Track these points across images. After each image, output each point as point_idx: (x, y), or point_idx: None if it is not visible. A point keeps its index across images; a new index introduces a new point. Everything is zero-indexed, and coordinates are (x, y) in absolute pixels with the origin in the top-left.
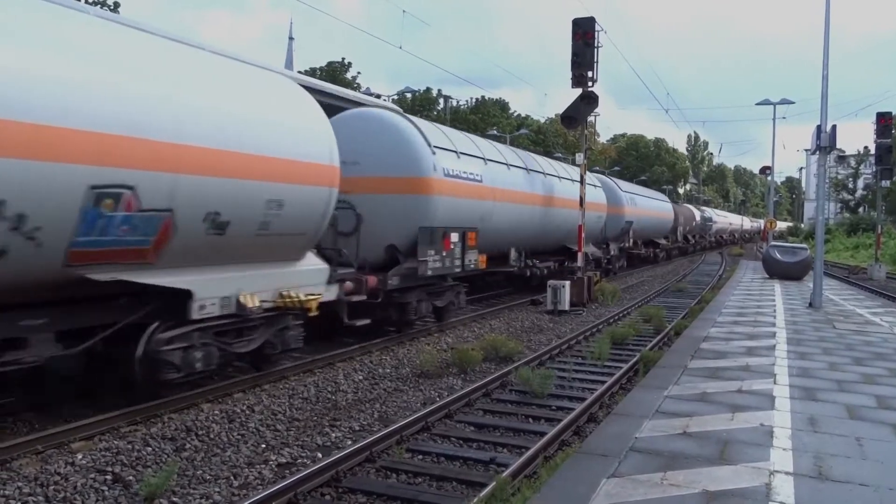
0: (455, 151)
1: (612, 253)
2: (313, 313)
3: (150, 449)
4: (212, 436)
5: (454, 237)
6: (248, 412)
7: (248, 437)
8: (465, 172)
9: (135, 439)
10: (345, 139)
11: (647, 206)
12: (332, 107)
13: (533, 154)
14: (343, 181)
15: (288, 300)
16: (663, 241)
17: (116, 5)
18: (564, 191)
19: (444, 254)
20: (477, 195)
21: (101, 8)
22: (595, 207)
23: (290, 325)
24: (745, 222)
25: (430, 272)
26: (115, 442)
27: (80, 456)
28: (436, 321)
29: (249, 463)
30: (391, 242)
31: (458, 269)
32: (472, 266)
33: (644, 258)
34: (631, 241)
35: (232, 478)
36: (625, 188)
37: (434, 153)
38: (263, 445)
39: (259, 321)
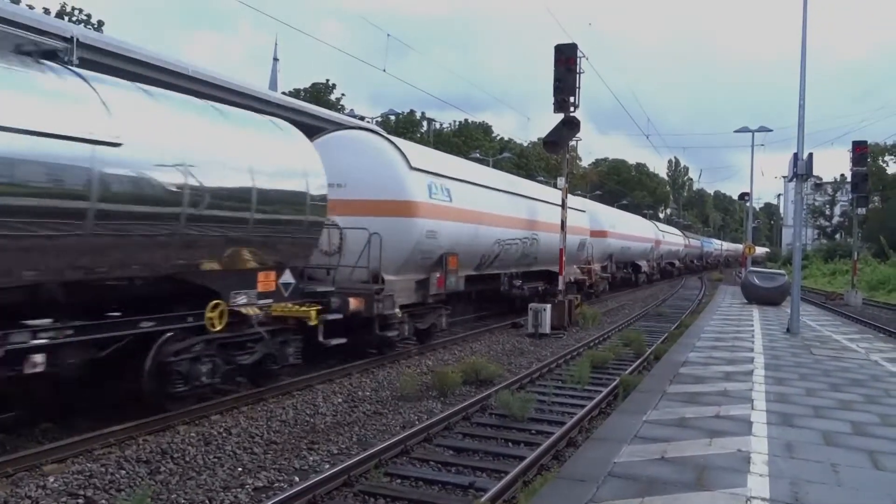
0: None
1: None
2: None
3: (123, 472)
4: (187, 459)
5: None
6: (224, 434)
7: (225, 461)
8: None
9: (108, 462)
10: None
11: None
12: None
13: None
14: None
15: None
16: None
17: (101, 24)
18: None
19: None
20: None
21: (85, 27)
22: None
23: None
24: (677, 241)
25: None
26: (89, 465)
27: (51, 479)
28: None
29: (225, 487)
30: None
31: None
32: None
33: None
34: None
35: (207, 502)
36: None
37: None
38: (240, 469)
39: None
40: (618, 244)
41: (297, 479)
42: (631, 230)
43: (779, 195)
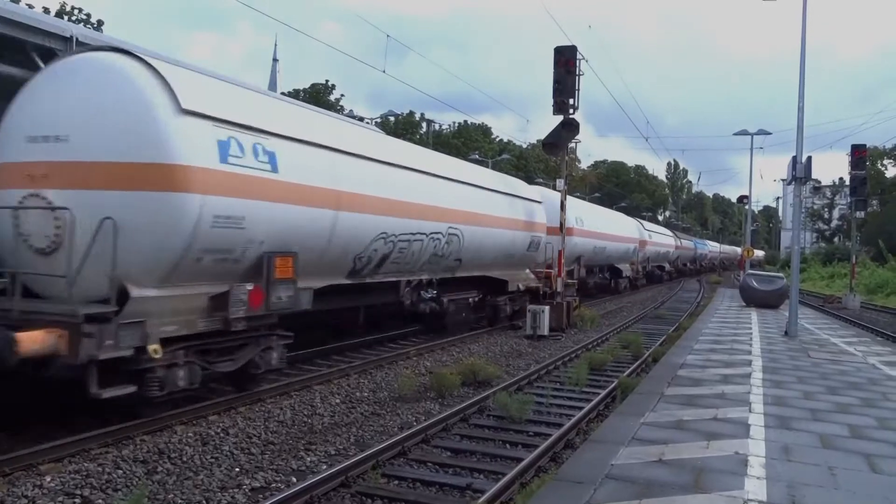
0: None
1: None
2: None
3: (120, 472)
4: (184, 458)
5: None
6: (222, 435)
7: (222, 461)
8: None
9: (106, 462)
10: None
11: None
12: None
13: None
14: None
15: None
16: None
17: (100, 23)
18: None
19: None
20: None
21: (85, 26)
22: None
23: None
24: (666, 242)
25: None
26: (86, 464)
27: (48, 478)
28: None
29: (222, 487)
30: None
31: None
32: None
33: None
34: None
35: (205, 502)
36: None
37: None
38: (237, 469)
39: None
40: (588, 244)
41: (294, 479)
42: (606, 228)
43: (777, 198)
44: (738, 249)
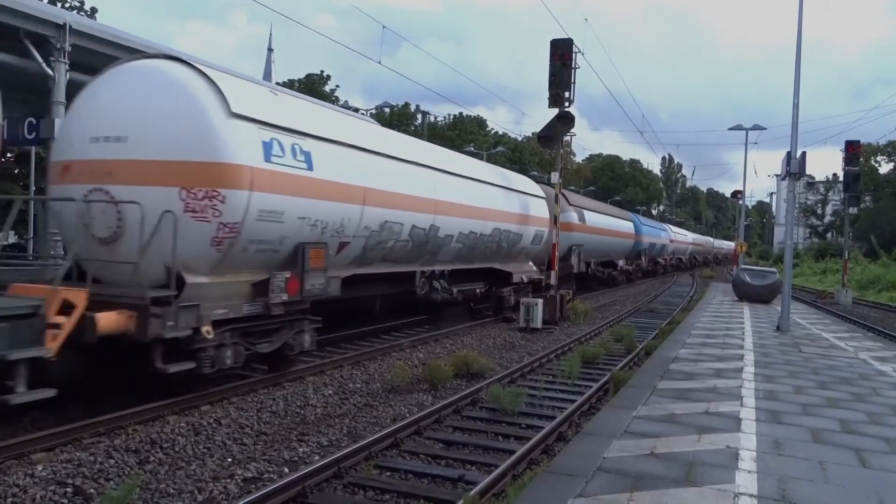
0: None
1: None
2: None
3: (112, 461)
4: (177, 449)
5: None
6: (214, 425)
7: (215, 451)
8: None
9: (97, 451)
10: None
11: None
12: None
13: None
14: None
15: None
16: None
17: (94, 10)
18: None
19: None
20: None
21: (78, 13)
22: None
23: None
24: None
25: None
26: (77, 453)
27: (40, 467)
28: None
29: (215, 477)
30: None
31: None
32: None
33: None
34: None
35: (196, 492)
36: None
37: None
38: (230, 459)
39: None
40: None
41: (286, 470)
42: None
43: (771, 193)
44: (713, 240)
